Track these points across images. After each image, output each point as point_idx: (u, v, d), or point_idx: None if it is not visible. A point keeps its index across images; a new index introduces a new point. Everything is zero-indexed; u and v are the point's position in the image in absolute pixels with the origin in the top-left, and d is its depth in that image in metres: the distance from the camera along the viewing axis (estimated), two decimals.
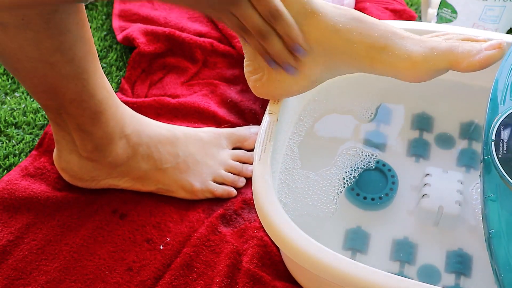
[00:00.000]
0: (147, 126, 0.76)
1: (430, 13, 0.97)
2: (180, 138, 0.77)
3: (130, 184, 0.76)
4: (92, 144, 0.71)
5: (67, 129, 0.70)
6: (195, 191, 0.76)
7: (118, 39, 0.97)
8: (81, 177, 0.75)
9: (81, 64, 0.63)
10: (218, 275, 0.70)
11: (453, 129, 0.80)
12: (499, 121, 0.60)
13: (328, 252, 0.57)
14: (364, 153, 0.76)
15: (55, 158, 0.77)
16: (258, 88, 0.65)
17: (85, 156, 0.73)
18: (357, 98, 0.81)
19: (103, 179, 0.76)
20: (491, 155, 0.58)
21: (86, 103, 0.67)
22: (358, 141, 0.78)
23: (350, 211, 0.72)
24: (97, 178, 0.75)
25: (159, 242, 0.74)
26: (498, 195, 0.56)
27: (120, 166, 0.74)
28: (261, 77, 0.64)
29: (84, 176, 0.75)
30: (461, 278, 0.67)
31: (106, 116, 0.70)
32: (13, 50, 0.59)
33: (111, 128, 0.71)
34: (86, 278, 0.71)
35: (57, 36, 0.59)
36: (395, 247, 0.69)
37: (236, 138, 0.81)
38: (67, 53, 0.61)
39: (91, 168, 0.74)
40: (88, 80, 0.65)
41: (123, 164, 0.74)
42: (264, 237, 0.73)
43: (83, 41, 0.62)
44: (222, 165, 0.78)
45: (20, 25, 0.56)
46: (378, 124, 0.80)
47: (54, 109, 0.68)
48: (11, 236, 0.74)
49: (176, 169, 0.76)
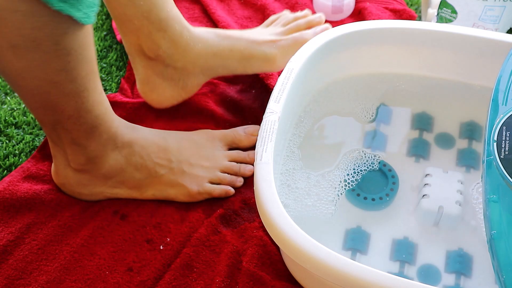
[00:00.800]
0: (140, 135, 0.76)
1: (430, 13, 0.97)
2: (172, 144, 0.77)
3: (128, 194, 0.77)
4: (84, 157, 0.72)
5: (61, 143, 0.71)
6: (192, 194, 0.76)
7: (118, 39, 0.97)
8: (79, 191, 0.76)
9: (83, 83, 0.64)
10: (218, 275, 0.70)
11: (453, 129, 0.80)
12: (501, 122, 0.60)
13: (329, 253, 0.57)
14: (367, 155, 0.76)
15: (53, 173, 0.77)
16: (146, 93, 0.84)
17: (78, 169, 0.73)
18: (358, 99, 0.81)
19: (100, 192, 0.76)
20: (493, 155, 0.58)
21: (83, 119, 0.68)
22: (359, 142, 0.78)
23: (351, 211, 0.72)
24: (94, 190, 0.76)
25: (159, 242, 0.74)
26: (500, 196, 0.56)
27: (114, 177, 0.75)
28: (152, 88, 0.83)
29: (82, 190, 0.76)
30: (461, 278, 0.67)
31: (101, 130, 0.71)
32: (19, 69, 0.60)
33: (104, 141, 0.72)
34: (86, 278, 0.71)
35: (64, 57, 0.60)
36: (395, 247, 0.69)
37: (231, 139, 0.82)
38: (71, 72, 0.62)
39: (86, 181, 0.75)
40: (87, 98, 0.66)
41: (117, 175, 0.75)
42: (263, 237, 0.73)
43: (87, 60, 0.63)
44: (218, 166, 0.79)
45: (31, 46, 0.57)
46: (378, 124, 0.80)
47: (51, 124, 0.68)
48: (12, 236, 0.74)
49: (170, 175, 0.76)
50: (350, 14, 1.03)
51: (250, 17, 1.02)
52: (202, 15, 1.02)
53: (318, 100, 0.80)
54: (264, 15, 1.00)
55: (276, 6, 1.02)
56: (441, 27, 0.77)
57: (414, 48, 0.79)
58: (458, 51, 0.78)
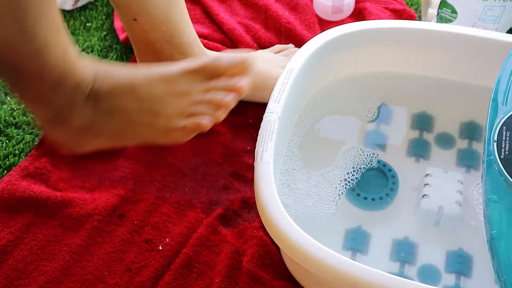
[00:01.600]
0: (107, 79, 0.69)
1: (430, 13, 0.97)
2: (141, 83, 0.70)
3: (111, 144, 0.71)
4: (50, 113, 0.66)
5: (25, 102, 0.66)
6: (168, 133, 0.70)
7: (121, 38, 0.97)
8: (67, 146, 0.70)
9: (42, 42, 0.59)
10: (218, 275, 0.70)
11: (453, 129, 0.79)
12: (501, 122, 0.60)
13: (329, 253, 0.57)
14: (366, 153, 0.76)
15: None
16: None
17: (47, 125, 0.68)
18: (358, 99, 0.81)
19: (84, 143, 0.70)
20: (493, 155, 0.58)
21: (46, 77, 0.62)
22: (359, 141, 0.78)
23: (351, 211, 0.72)
24: (79, 142, 0.70)
25: (158, 242, 0.74)
26: (500, 196, 0.56)
27: (90, 129, 0.69)
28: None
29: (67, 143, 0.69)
30: (462, 278, 0.67)
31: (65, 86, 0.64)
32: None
33: (69, 95, 0.66)
34: (85, 278, 0.71)
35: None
36: (395, 247, 0.69)
37: (210, 71, 0.71)
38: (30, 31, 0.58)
39: (66, 135, 0.69)
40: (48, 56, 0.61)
41: (92, 126, 0.69)
42: (263, 237, 0.73)
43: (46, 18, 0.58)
44: (196, 99, 0.71)
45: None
46: (378, 124, 0.80)
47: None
48: (11, 236, 0.74)
49: (142, 117, 0.69)
50: (350, 14, 1.03)
51: (253, 18, 1.01)
52: (203, 16, 1.02)
53: (318, 99, 0.80)
54: (266, 16, 1.00)
55: (278, 7, 1.02)
56: (441, 27, 0.77)
57: (414, 48, 0.79)
58: (458, 51, 0.78)
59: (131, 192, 0.78)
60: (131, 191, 0.79)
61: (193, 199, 0.79)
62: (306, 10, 1.01)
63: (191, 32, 0.81)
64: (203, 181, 0.81)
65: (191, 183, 0.81)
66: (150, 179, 0.80)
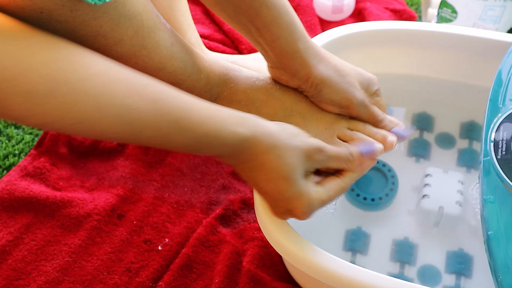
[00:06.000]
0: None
1: (430, 13, 0.97)
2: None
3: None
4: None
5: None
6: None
7: None
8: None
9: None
10: (217, 276, 0.70)
11: (453, 129, 0.79)
12: (498, 122, 0.60)
13: (328, 257, 0.56)
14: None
15: None
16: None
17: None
18: None
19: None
20: (490, 156, 0.58)
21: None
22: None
23: (350, 211, 0.72)
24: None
25: (157, 242, 0.74)
26: (497, 196, 0.55)
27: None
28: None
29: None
30: (462, 278, 0.67)
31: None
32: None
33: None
34: (84, 279, 0.71)
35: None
36: (395, 248, 0.69)
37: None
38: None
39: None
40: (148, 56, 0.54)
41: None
42: (264, 238, 0.73)
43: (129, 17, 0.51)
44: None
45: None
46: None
47: None
48: (11, 236, 0.74)
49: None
50: (350, 14, 1.03)
51: None
52: (204, 17, 1.02)
53: None
54: None
55: None
56: (441, 27, 0.77)
57: (414, 48, 0.79)
58: (458, 51, 0.78)
59: (130, 192, 0.78)
60: (130, 191, 0.79)
61: (192, 199, 0.79)
62: (307, 11, 1.01)
63: (193, 34, 0.81)
64: (202, 181, 0.81)
65: (190, 183, 0.80)
66: (149, 179, 0.80)
